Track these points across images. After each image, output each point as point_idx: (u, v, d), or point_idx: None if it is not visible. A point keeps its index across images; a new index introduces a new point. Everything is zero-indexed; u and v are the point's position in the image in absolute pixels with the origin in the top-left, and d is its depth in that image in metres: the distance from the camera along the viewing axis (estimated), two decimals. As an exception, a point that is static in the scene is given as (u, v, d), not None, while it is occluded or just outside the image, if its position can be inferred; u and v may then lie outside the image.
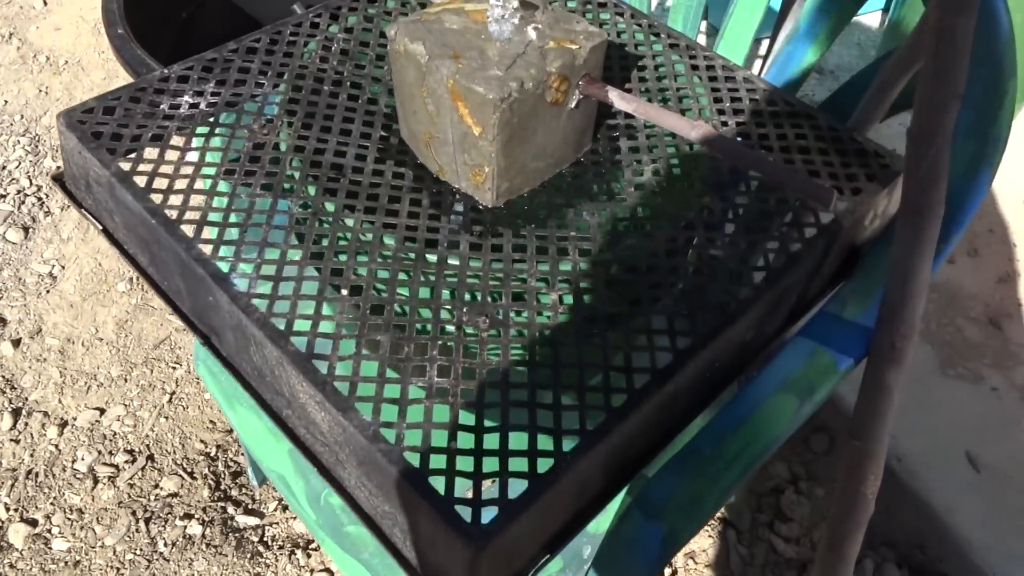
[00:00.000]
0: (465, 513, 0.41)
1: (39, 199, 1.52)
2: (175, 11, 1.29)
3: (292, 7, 1.43)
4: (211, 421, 1.22)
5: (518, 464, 0.43)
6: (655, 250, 0.53)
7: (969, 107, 0.56)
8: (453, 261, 0.52)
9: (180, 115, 0.59)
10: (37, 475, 1.16)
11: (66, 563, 1.06)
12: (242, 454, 1.19)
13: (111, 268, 1.42)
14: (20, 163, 1.58)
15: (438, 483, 0.42)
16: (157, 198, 0.53)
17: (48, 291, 1.38)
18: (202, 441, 1.20)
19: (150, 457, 1.18)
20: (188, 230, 0.52)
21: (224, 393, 0.79)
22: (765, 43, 1.35)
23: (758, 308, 0.51)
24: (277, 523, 1.11)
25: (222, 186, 0.55)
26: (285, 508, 1.13)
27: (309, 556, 1.08)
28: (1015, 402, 1.11)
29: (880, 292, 0.54)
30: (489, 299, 0.50)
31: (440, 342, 0.47)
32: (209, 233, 0.52)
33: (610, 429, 0.44)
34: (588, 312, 0.49)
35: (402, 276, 0.50)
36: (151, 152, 0.57)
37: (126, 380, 1.27)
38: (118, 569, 1.06)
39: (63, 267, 1.42)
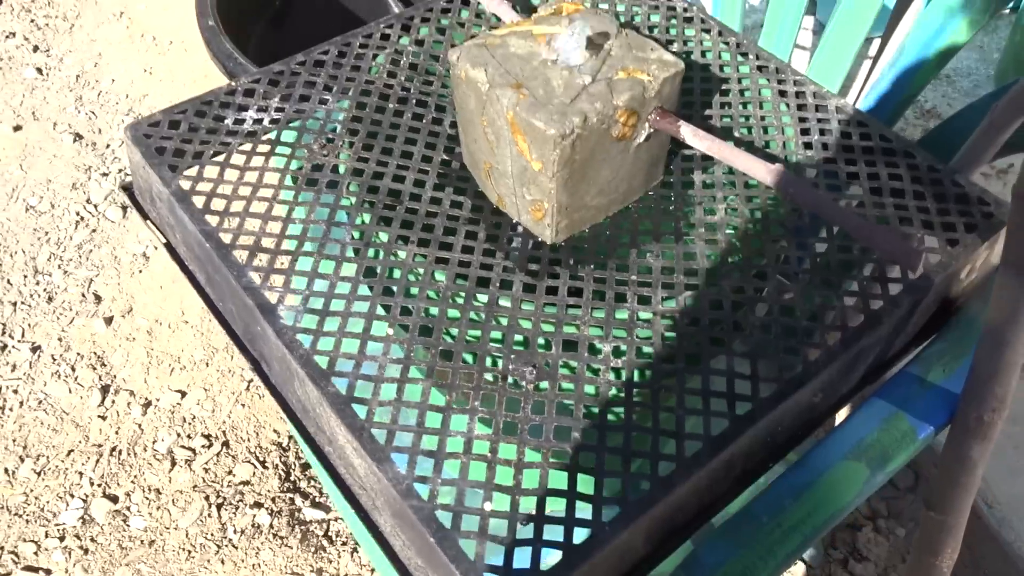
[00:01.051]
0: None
1: (138, 179, 1.57)
2: (267, 3, 1.30)
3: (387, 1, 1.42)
4: (285, 409, 1.24)
5: (553, 533, 0.41)
6: (720, 301, 0.49)
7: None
8: (504, 303, 0.49)
9: (243, 131, 0.59)
10: (120, 453, 1.20)
11: (142, 542, 1.10)
12: (313, 445, 1.20)
13: (200, 251, 1.45)
14: (123, 143, 1.64)
15: (469, 548, 0.40)
16: (213, 220, 0.53)
17: (141, 271, 1.43)
18: (275, 431, 1.22)
19: (225, 443, 1.21)
20: (241, 255, 0.52)
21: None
22: (877, 42, 1.27)
23: (829, 371, 0.47)
24: (342, 519, 1.12)
25: (277, 210, 0.54)
26: (350, 503, 1.14)
27: (370, 553, 1.08)
28: None
29: (970, 357, 0.49)
30: (539, 348, 0.48)
31: (483, 392, 0.45)
32: (260, 260, 0.51)
33: (655, 500, 0.42)
34: (642, 367, 0.46)
35: (451, 314, 0.49)
36: (211, 170, 0.56)
37: (207, 364, 1.30)
38: (189, 552, 1.09)
39: (156, 248, 1.46)
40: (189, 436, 1.22)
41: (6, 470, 1.19)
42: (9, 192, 1.56)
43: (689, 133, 0.51)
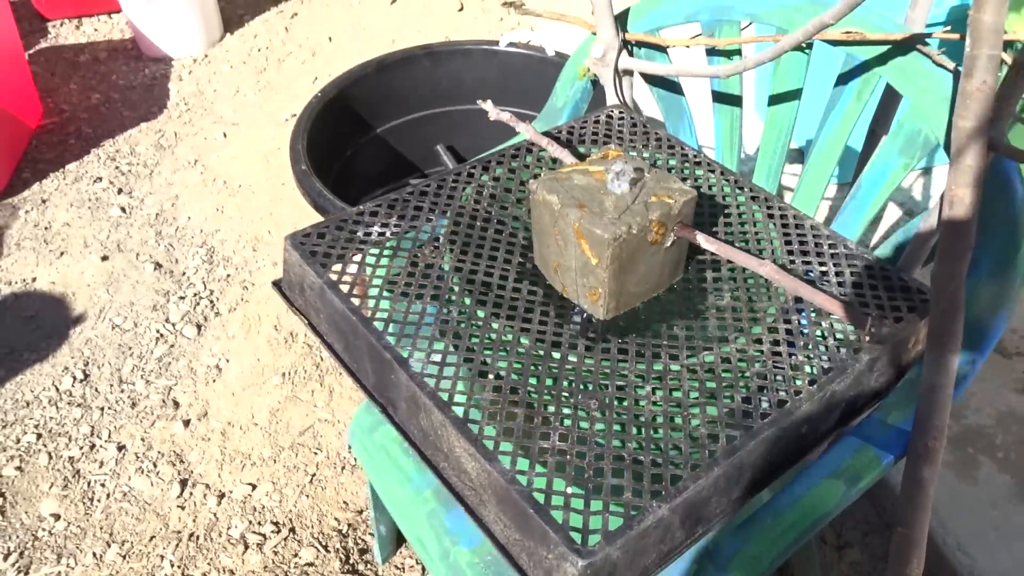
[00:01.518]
0: (577, 537, 0.55)
1: (211, 301, 1.78)
2: (342, 150, 1.55)
3: (435, 148, 1.68)
4: (344, 502, 1.39)
5: (615, 508, 0.58)
6: (728, 357, 0.68)
7: (990, 256, 0.70)
8: (572, 358, 0.68)
9: (371, 240, 0.79)
10: (198, 538, 1.35)
11: (218, 613, 1.23)
12: (370, 533, 1.34)
13: (268, 364, 1.64)
14: (197, 270, 1.86)
15: (557, 515, 0.57)
16: (356, 301, 0.72)
17: (214, 380, 1.62)
18: (336, 519, 1.37)
19: (292, 529, 1.35)
20: (379, 324, 0.71)
21: (374, 466, 0.96)
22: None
23: (809, 407, 0.65)
24: (397, 594, 1.26)
25: (402, 294, 0.74)
26: (404, 582, 1.27)
27: (424, 626, 1.21)
28: (1095, 531, 1.16)
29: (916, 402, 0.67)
30: (599, 388, 0.66)
31: (560, 419, 0.63)
32: (393, 328, 0.70)
33: (685, 488, 0.59)
34: (674, 402, 0.65)
35: (533, 367, 0.67)
36: (351, 267, 0.76)
37: (275, 461, 1.46)
38: (261, 622, 1.22)
39: (228, 360, 1.65)
40: (259, 523, 1.36)
41: (94, 554, 1.34)
42: (97, 313, 1.77)
43: (703, 239, 0.71)
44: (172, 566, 1.31)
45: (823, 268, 0.76)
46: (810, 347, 0.69)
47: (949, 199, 0.62)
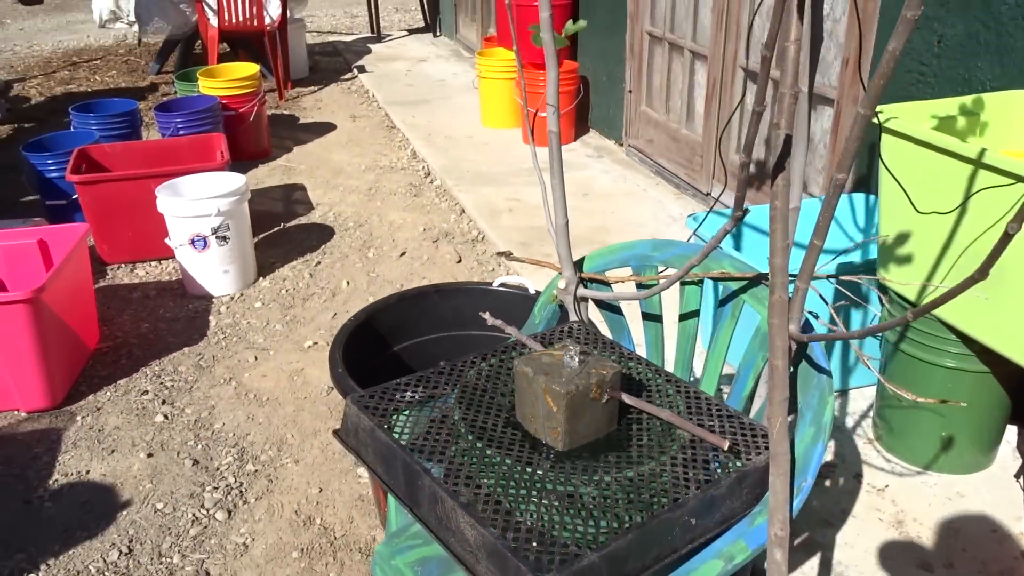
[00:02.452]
0: (538, 567, 0.88)
1: (240, 491, 2.08)
2: (366, 363, 1.93)
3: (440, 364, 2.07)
4: (351, 656, 1.62)
5: (562, 553, 0.90)
6: (643, 473, 1.03)
7: (810, 409, 1.07)
8: (540, 472, 1.03)
9: (405, 400, 1.16)
10: None
11: None
12: None
13: (288, 541, 1.92)
14: (229, 466, 2.18)
15: (531, 558, 0.89)
16: (395, 436, 1.08)
17: (242, 555, 1.88)
18: (344, 668, 1.59)
19: (306, 676, 1.58)
20: (414, 451, 1.06)
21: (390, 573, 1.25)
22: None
23: (695, 503, 0.99)
24: None
25: (427, 434, 1.09)
26: None
27: None
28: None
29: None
30: (555, 488, 1.00)
31: (531, 510, 0.97)
32: (424, 453, 1.05)
33: (608, 545, 0.91)
34: (605, 498, 0.99)
35: (514, 479, 1.01)
36: (394, 418, 1.12)
37: (293, 621, 1.70)
38: None
39: (253, 539, 1.93)
40: (278, 671, 1.59)
41: None
42: (142, 499, 2.07)
43: (626, 398, 1.08)
44: None
45: (710, 421, 1.13)
46: (698, 468, 1.04)
47: (770, 368, 1.00)
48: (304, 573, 1.83)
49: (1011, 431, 2.03)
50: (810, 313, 1.16)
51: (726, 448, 1.02)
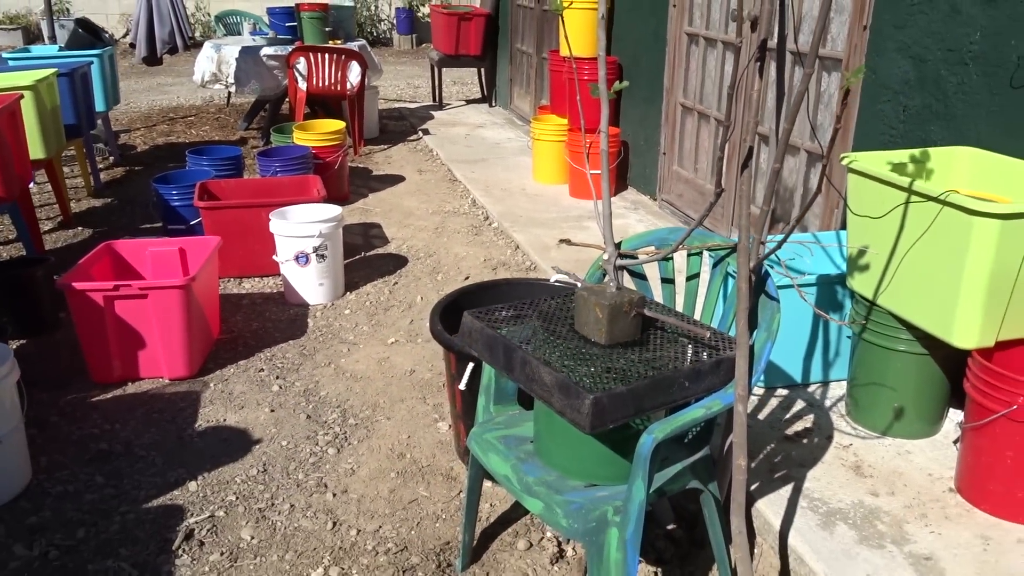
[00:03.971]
0: (589, 391, 1.46)
1: (345, 437, 2.67)
2: (453, 329, 2.52)
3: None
4: (438, 536, 2.18)
5: (605, 387, 1.48)
6: (656, 356, 1.61)
7: (764, 323, 1.65)
8: (590, 353, 1.62)
9: (502, 317, 1.76)
10: (345, 548, 2.13)
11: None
12: (456, 554, 2.12)
13: (385, 467, 2.49)
14: (335, 420, 2.77)
15: (584, 387, 1.48)
16: (498, 331, 1.68)
17: (350, 475, 2.46)
18: (435, 542, 2.15)
19: (404, 547, 2.13)
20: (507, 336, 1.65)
21: (482, 449, 1.83)
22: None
23: (688, 369, 1.57)
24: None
25: (518, 332, 1.69)
26: None
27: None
28: None
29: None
30: (601, 363, 1.59)
31: (584, 371, 1.56)
32: (507, 333, 1.65)
33: (630, 385, 1.50)
34: (633, 363, 1.57)
35: (572, 358, 1.60)
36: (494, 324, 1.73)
37: (392, 515, 2.27)
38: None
39: (359, 466, 2.50)
40: (384, 544, 2.15)
41: None
42: (270, 438, 2.66)
43: (648, 312, 1.67)
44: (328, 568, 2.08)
45: (705, 332, 1.71)
46: (690, 356, 1.62)
47: (737, 289, 1.59)
48: (400, 487, 2.40)
49: (958, 414, 2.55)
50: (770, 265, 1.75)
51: (707, 337, 1.60)
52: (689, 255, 1.97)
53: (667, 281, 2.03)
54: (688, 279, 1.99)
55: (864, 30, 3.02)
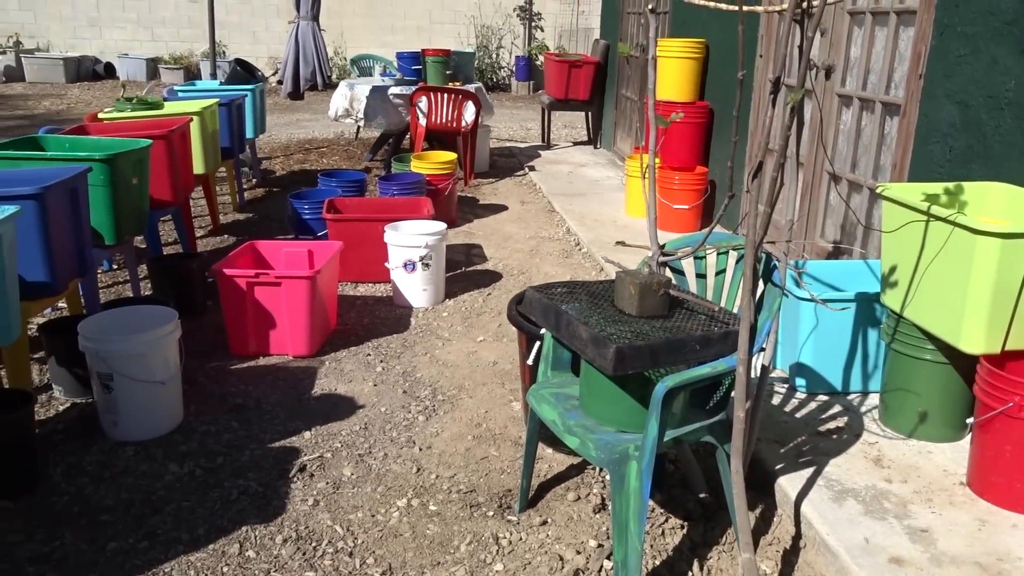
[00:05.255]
0: (613, 344, 1.87)
1: (434, 408, 3.14)
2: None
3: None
4: (503, 482, 2.60)
5: (628, 342, 1.89)
6: (676, 326, 2.01)
7: (768, 304, 2.02)
8: (622, 318, 2.03)
9: (557, 293, 2.20)
10: (424, 488, 2.58)
11: None
12: (516, 497, 2.53)
13: (466, 432, 2.94)
14: (427, 396, 3.25)
15: (611, 340, 1.89)
16: (552, 300, 2.11)
17: (435, 436, 2.92)
18: (499, 486, 2.57)
19: (472, 490, 2.57)
20: (562, 306, 2.08)
21: (538, 400, 2.25)
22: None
23: (700, 335, 1.96)
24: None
25: (567, 303, 2.12)
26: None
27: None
28: None
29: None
30: (630, 327, 2.00)
31: (616, 331, 1.97)
32: (566, 309, 2.08)
33: (649, 342, 1.90)
34: (658, 331, 1.98)
35: (608, 324, 2.02)
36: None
37: (467, 467, 2.71)
38: None
39: (443, 430, 2.96)
40: (455, 481, 2.59)
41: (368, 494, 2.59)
42: (371, 405, 3.16)
43: (672, 291, 2.07)
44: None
45: (718, 311, 2.09)
46: (706, 327, 2.01)
47: (744, 276, 1.97)
48: (474, 447, 2.84)
49: (982, 423, 2.79)
50: (796, 271, 2.12)
51: (717, 310, 1.99)
52: (718, 254, 2.36)
53: (700, 276, 2.42)
54: (717, 274, 2.38)
55: (919, 79, 3.33)
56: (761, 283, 2.19)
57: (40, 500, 2.49)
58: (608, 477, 2.65)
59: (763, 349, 2.13)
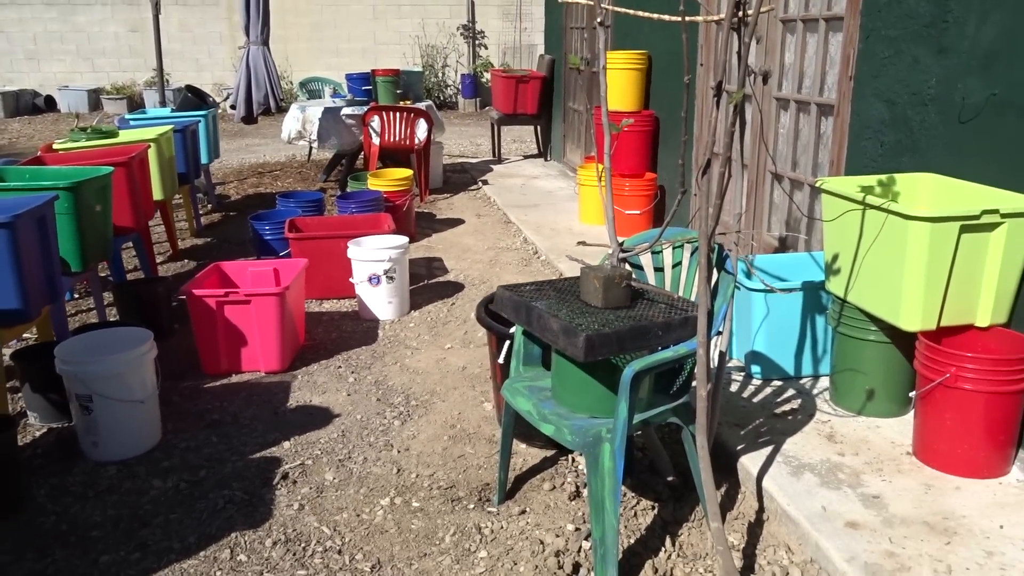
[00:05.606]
0: (583, 332, 2.01)
1: (409, 413, 3.24)
2: (496, 317, 3.10)
3: (540, 335, 3.22)
4: (480, 477, 2.71)
5: (596, 331, 2.03)
6: (639, 315, 2.15)
7: (722, 292, 2.18)
8: (589, 310, 2.17)
9: (526, 291, 2.33)
10: (405, 487, 2.68)
11: None
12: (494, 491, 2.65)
13: (441, 433, 3.05)
14: (400, 402, 3.35)
15: (580, 329, 2.03)
16: (522, 298, 2.25)
17: (412, 438, 3.02)
18: (477, 481, 2.69)
19: (452, 486, 2.68)
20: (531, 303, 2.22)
21: (512, 393, 2.37)
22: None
23: (662, 321, 2.10)
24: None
25: (537, 298, 2.25)
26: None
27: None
28: None
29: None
30: (597, 316, 2.14)
31: (584, 322, 2.11)
32: (535, 303, 2.21)
33: (615, 329, 2.04)
34: (622, 320, 2.12)
35: (576, 316, 2.16)
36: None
37: (443, 464, 2.82)
38: None
39: (419, 432, 3.07)
40: (432, 479, 2.69)
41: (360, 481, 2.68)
42: (346, 414, 3.25)
43: (635, 284, 2.22)
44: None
45: (676, 300, 2.24)
46: (667, 314, 2.15)
47: (699, 264, 2.13)
48: (451, 447, 2.95)
49: (924, 397, 2.98)
50: (742, 259, 2.29)
51: (675, 299, 2.14)
52: (674, 248, 2.52)
53: (658, 270, 2.58)
54: (673, 266, 2.54)
55: (850, 80, 3.55)
56: (715, 272, 2.35)
57: (27, 521, 2.53)
58: (582, 464, 2.79)
59: (720, 333, 2.29)
